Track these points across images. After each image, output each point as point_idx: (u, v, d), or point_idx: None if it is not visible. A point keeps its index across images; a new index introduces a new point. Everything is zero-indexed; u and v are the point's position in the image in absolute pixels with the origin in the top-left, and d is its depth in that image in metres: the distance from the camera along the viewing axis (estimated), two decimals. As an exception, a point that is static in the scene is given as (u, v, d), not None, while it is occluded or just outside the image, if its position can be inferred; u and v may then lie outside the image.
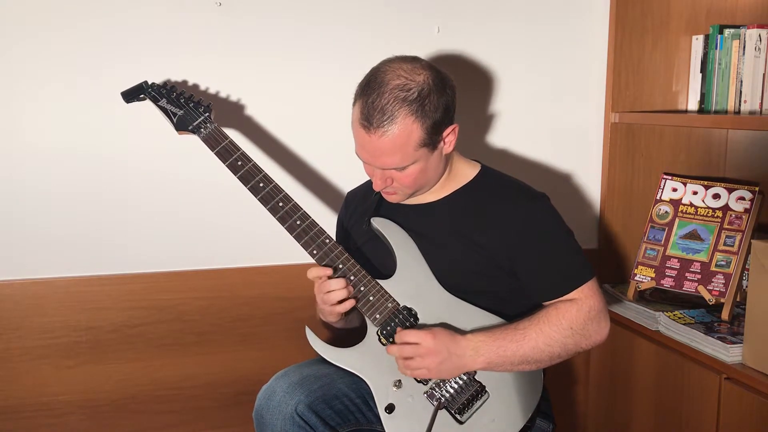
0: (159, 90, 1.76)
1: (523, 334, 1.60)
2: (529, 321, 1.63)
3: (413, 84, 1.56)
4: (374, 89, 1.56)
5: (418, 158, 1.60)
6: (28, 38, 1.88)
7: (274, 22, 2.02)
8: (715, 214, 2.07)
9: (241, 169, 1.68)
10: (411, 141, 1.57)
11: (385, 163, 1.60)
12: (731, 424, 1.78)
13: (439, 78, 1.60)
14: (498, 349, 1.59)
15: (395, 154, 1.58)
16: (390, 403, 1.60)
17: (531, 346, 1.60)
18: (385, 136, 1.55)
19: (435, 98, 1.57)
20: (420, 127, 1.56)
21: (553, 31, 2.24)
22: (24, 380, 1.97)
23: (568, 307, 1.63)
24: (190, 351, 2.08)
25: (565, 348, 1.63)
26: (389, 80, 1.56)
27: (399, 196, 1.69)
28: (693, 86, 2.23)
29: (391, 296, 1.65)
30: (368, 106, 1.55)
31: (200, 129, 1.72)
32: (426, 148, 1.60)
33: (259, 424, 1.64)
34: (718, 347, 1.83)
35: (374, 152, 1.59)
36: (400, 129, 1.55)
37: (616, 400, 2.21)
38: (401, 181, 1.63)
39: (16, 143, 1.91)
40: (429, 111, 1.56)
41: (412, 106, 1.55)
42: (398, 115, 1.54)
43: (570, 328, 1.62)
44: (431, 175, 1.67)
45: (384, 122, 1.54)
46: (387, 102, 1.54)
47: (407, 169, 1.61)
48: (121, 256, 2.02)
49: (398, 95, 1.54)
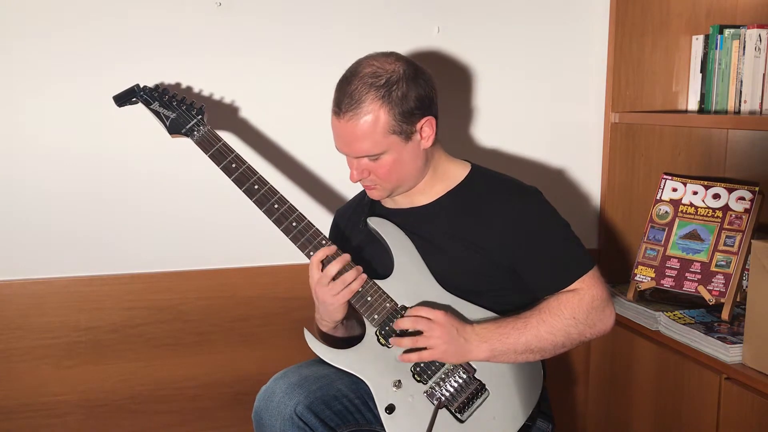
0: (151, 93, 1.76)
1: (525, 323, 1.61)
2: (531, 311, 1.64)
3: (382, 71, 1.60)
4: (347, 78, 1.62)
5: (390, 147, 1.61)
6: (28, 38, 1.88)
7: (272, 22, 2.02)
8: (715, 214, 2.07)
9: (236, 172, 1.68)
10: (379, 126, 1.59)
11: (357, 150, 1.62)
12: (731, 424, 1.78)
13: (412, 69, 1.63)
14: (501, 336, 1.60)
15: (365, 140, 1.60)
16: (390, 404, 1.60)
17: (533, 334, 1.61)
18: (352, 120, 1.59)
19: (404, 86, 1.60)
20: (387, 113, 1.59)
21: (553, 31, 2.24)
22: (24, 380, 1.97)
23: (570, 297, 1.64)
24: (190, 351, 2.08)
25: (569, 337, 1.63)
26: (361, 69, 1.61)
27: (379, 192, 1.70)
28: (693, 86, 2.23)
29: (389, 296, 1.65)
30: (340, 93, 1.61)
31: (193, 132, 1.72)
32: (397, 137, 1.61)
33: (258, 425, 1.64)
34: (718, 347, 1.83)
35: (346, 139, 1.62)
36: (367, 113, 1.58)
37: (616, 400, 2.21)
38: (377, 172, 1.64)
39: (16, 143, 1.92)
40: (396, 98, 1.59)
41: (379, 92, 1.58)
42: (365, 99, 1.58)
43: (573, 317, 1.62)
44: (408, 169, 1.67)
45: (352, 106, 1.58)
46: (356, 88, 1.59)
47: (381, 159, 1.62)
48: (121, 256, 2.02)
49: (367, 81, 1.59)
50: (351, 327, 1.80)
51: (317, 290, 1.63)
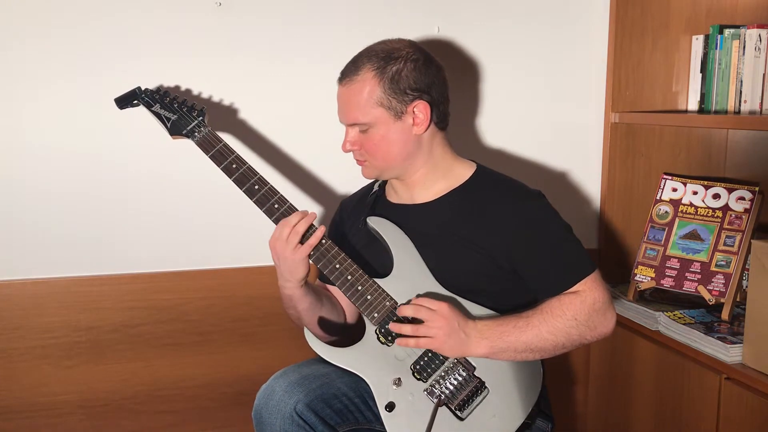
0: (152, 95, 1.78)
1: (526, 322, 1.61)
2: (533, 310, 1.64)
3: (389, 48, 1.67)
4: (359, 52, 1.70)
5: (377, 120, 1.65)
6: (28, 38, 1.88)
7: (272, 23, 2.02)
8: (715, 214, 2.07)
9: (236, 172, 1.69)
10: (367, 94, 1.64)
11: (348, 117, 1.67)
12: (731, 424, 1.78)
13: (421, 54, 1.68)
14: (502, 334, 1.60)
15: (352, 106, 1.66)
16: (390, 402, 1.60)
17: (534, 334, 1.61)
18: (347, 85, 1.67)
19: (403, 64, 1.65)
20: (378, 84, 1.63)
21: (553, 31, 2.24)
22: (24, 380, 1.97)
23: (572, 298, 1.64)
24: (190, 351, 2.08)
25: (570, 338, 1.63)
26: (374, 46, 1.70)
27: (368, 170, 1.73)
28: (693, 86, 2.23)
29: (388, 295, 1.65)
30: (348, 63, 1.69)
31: (194, 133, 1.74)
32: (385, 111, 1.65)
33: (258, 423, 1.64)
34: (718, 347, 1.83)
35: (342, 105, 1.69)
36: (361, 80, 1.64)
37: (616, 400, 2.21)
38: (365, 146, 1.68)
39: (16, 143, 1.92)
40: (391, 71, 1.64)
41: (376, 63, 1.64)
42: (362, 67, 1.65)
43: (574, 318, 1.62)
44: (396, 150, 1.68)
45: (350, 72, 1.67)
46: (359, 57, 1.68)
47: (369, 132, 1.66)
48: (121, 256, 2.02)
49: (371, 53, 1.67)
50: (314, 306, 1.75)
51: (276, 246, 1.64)
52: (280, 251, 1.63)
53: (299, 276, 1.66)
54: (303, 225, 1.63)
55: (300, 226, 1.63)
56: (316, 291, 1.76)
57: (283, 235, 1.62)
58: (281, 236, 1.63)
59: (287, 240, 1.62)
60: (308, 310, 1.74)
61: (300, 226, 1.63)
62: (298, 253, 1.62)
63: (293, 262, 1.63)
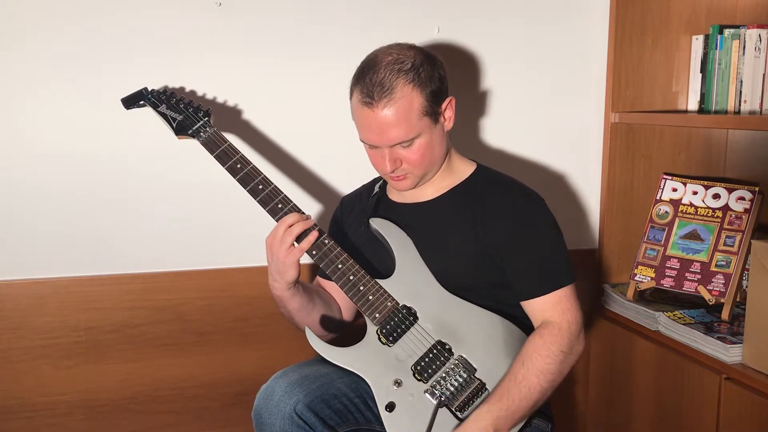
0: (158, 96, 1.79)
1: (527, 387, 1.59)
2: (523, 366, 1.61)
3: (405, 57, 1.62)
4: (369, 69, 1.62)
5: (423, 129, 1.63)
6: (28, 39, 1.88)
7: (272, 23, 2.02)
8: (715, 214, 2.07)
9: (240, 172, 1.69)
10: (413, 109, 1.60)
11: (392, 138, 1.61)
12: (731, 424, 1.78)
13: (426, 54, 1.66)
14: (513, 414, 1.58)
15: (401, 126, 1.60)
16: (390, 402, 1.60)
17: (538, 391, 1.60)
18: (387, 107, 1.59)
19: (428, 68, 1.63)
20: (420, 94, 1.61)
21: (553, 31, 2.24)
22: (24, 380, 1.97)
23: (551, 330, 1.63)
24: (190, 351, 2.08)
25: (562, 373, 1.65)
26: (381, 59, 1.62)
27: (410, 181, 1.69)
28: (693, 86, 2.23)
29: (390, 295, 1.65)
30: (367, 84, 1.60)
31: (199, 133, 1.74)
32: (428, 119, 1.63)
33: (258, 423, 1.64)
34: (718, 347, 1.83)
35: (380, 128, 1.61)
36: (401, 97, 1.59)
37: (616, 400, 2.21)
38: (409, 159, 1.65)
39: (16, 143, 1.92)
40: (425, 79, 1.62)
41: (408, 75, 1.60)
42: (397, 84, 1.59)
43: (561, 352, 1.62)
44: (437, 153, 1.69)
45: (385, 94, 1.58)
46: (384, 76, 1.59)
47: (414, 144, 1.63)
48: (121, 256, 2.02)
49: (394, 68, 1.60)
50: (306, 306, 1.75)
51: (272, 243, 1.64)
52: (275, 250, 1.63)
53: (288, 278, 1.66)
54: (298, 227, 1.63)
55: (295, 228, 1.62)
56: (308, 292, 1.76)
57: (278, 234, 1.63)
58: (276, 234, 1.63)
59: (281, 239, 1.62)
60: (298, 310, 1.74)
61: (295, 228, 1.62)
62: (289, 256, 1.62)
63: (283, 265, 1.63)
